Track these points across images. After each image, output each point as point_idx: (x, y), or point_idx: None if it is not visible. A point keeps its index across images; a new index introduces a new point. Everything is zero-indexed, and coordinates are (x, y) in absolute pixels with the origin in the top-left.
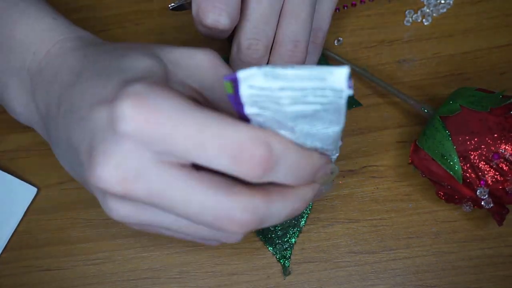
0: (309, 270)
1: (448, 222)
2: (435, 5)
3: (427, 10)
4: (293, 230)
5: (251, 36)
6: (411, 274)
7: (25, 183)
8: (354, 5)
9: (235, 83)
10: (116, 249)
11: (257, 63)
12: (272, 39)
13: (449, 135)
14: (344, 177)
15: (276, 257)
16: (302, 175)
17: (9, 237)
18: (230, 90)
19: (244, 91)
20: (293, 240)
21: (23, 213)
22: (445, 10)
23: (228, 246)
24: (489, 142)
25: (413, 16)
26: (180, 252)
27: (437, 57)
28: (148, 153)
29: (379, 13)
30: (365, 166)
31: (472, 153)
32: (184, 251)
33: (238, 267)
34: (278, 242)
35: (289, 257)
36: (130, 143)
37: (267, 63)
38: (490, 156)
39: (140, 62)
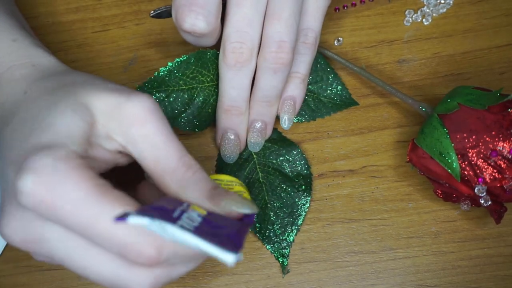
0: (309, 270)
1: (448, 222)
2: (435, 5)
3: (427, 10)
4: (291, 228)
5: (234, 40)
6: (411, 274)
7: None
8: (354, 5)
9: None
10: None
11: (242, 67)
12: (257, 42)
13: (447, 132)
14: (344, 177)
15: (274, 255)
16: (191, 261)
17: None
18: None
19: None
20: (291, 238)
21: None
22: (445, 10)
23: None
24: (487, 139)
25: (413, 16)
26: None
27: (437, 57)
28: (47, 224)
29: (379, 13)
30: (365, 166)
31: (470, 150)
32: None
33: (238, 267)
34: (276, 240)
35: (288, 255)
36: (30, 213)
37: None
38: (488, 153)
39: (64, 121)
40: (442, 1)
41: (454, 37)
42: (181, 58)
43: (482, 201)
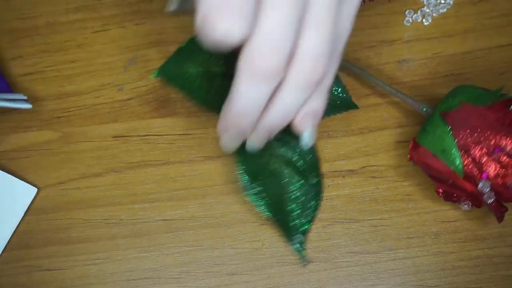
0: (309, 270)
1: (448, 222)
2: (435, 5)
3: (427, 10)
4: (308, 218)
5: (266, 47)
6: (411, 274)
7: (25, 183)
8: None
9: None
10: (116, 249)
11: (269, 78)
12: (290, 52)
13: (450, 129)
14: (344, 177)
15: (294, 247)
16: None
17: (9, 237)
18: None
19: None
20: (306, 227)
21: (23, 213)
22: (445, 10)
23: (228, 246)
24: (490, 136)
25: (413, 16)
26: (180, 252)
27: (437, 57)
28: None
29: (379, 13)
30: (365, 166)
31: (473, 146)
32: (184, 251)
33: (238, 267)
34: (295, 231)
35: (304, 246)
36: None
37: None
38: (491, 150)
39: None
40: (442, 1)
41: (454, 37)
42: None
43: (486, 197)
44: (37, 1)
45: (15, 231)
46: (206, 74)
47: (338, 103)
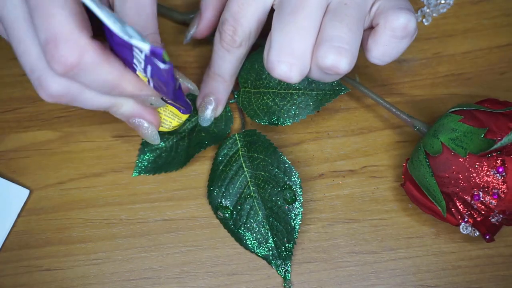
0: (309, 270)
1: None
2: (435, 5)
3: (427, 10)
4: (289, 241)
5: (285, 56)
6: (411, 274)
7: (17, 185)
8: None
9: None
10: (116, 249)
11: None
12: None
13: (431, 172)
14: (344, 177)
15: (278, 272)
16: (106, 89)
17: (4, 239)
18: None
19: None
20: (289, 251)
21: (16, 215)
22: (445, 10)
23: (228, 246)
24: (472, 180)
25: None
26: (180, 252)
27: (437, 57)
28: None
29: None
30: (365, 166)
31: (453, 193)
32: (184, 251)
33: (238, 267)
34: (277, 255)
35: (289, 269)
36: None
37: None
38: (470, 198)
39: None
40: (443, 1)
41: (455, 37)
42: None
43: (469, 233)
44: None
45: (15, 231)
46: (179, 137)
47: (328, 90)
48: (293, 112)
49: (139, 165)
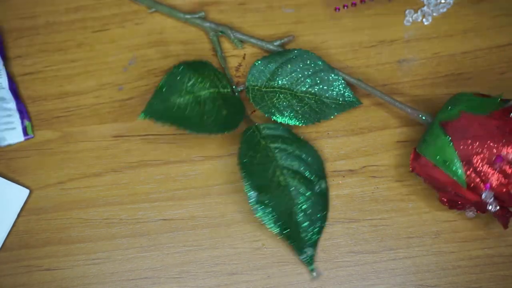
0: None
1: (448, 222)
2: (435, 5)
3: (427, 10)
4: (316, 228)
5: None
6: (411, 274)
7: (17, 185)
8: (354, 4)
9: None
10: (116, 249)
11: None
12: None
13: (450, 140)
14: (344, 177)
15: (304, 260)
16: None
17: (4, 239)
18: None
19: None
20: (315, 237)
21: (16, 215)
22: (445, 10)
23: (228, 246)
24: (491, 145)
25: (413, 16)
26: (180, 252)
27: (437, 57)
28: None
29: (379, 13)
30: (365, 166)
31: (474, 157)
32: (184, 251)
33: (238, 267)
34: (306, 243)
35: (313, 258)
36: None
37: None
38: (493, 159)
39: None
40: (443, 1)
41: (455, 37)
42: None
43: (490, 207)
44: (37, 1)
45: (15, 231)
46: (195, 100)
47: (341, 101)
48: (306, 115)
49: (149, 108)
